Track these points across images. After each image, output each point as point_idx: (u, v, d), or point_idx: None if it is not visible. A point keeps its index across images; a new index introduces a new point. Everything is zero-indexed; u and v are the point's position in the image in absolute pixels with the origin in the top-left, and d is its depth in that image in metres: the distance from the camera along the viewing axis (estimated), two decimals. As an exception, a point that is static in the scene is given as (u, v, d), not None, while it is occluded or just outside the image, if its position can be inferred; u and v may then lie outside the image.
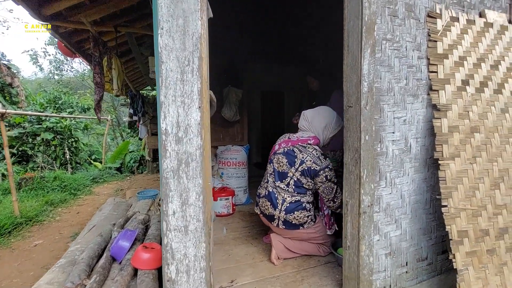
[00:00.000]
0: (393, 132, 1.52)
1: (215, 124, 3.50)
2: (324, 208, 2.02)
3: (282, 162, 1.97)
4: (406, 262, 1.61)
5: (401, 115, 1.53)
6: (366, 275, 1.48)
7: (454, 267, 1.44)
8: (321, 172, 1.85)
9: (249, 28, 3.73)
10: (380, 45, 1.43)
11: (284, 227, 1.91)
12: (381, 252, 1.53)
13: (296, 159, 1.91)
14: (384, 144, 1.49)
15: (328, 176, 1.87)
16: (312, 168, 1.86)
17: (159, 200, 2.30)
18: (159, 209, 2.52)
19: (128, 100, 6.04)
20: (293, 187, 1.91)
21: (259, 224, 2.61)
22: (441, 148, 1.52)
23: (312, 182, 1.90)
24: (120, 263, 1.56)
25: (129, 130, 9.29)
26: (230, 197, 2.91)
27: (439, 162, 1.51)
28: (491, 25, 1.76)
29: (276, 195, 1.95)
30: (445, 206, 1.48)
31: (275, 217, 1.94)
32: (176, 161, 1.01)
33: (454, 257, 1.44)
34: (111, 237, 1.91)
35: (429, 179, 1.66)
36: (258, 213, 2.10)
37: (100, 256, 1.72)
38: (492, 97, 1.67)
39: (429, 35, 1.58)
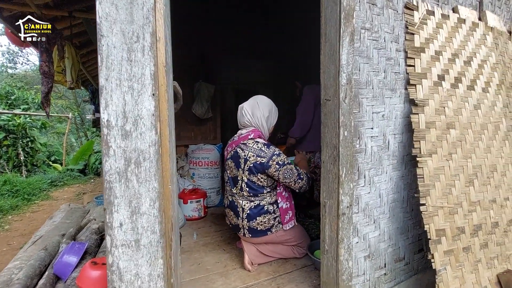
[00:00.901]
0: (372, 128, 1.43)
1: (186, 121, 3.28)
2: (279, 201, 1.83)
3: (231, 167, 1.83)
4: (385, 264, 1.55)
5: (379, 110, 1.45)
6: (346, 280, 1.38)
7: (433, 267, 1.38)
8: (270, 162, 1.70)
9: (223, 20, 3.54)
10: (359, 34, 1.34)
11: (250, 235, 1.78)
12: (360, 255, 1.44)
13: (240, 159, 1.76)
14: (363, 140, 1.41)
15: (280, 162, 1.71)
16: (258, 162, 1.71)
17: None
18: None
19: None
20: (246, 189, 1.76)
21: (233, 228, 2.45)
22: (418, 145, 1.46)
23: (265, 177, 1.75)
24: (65, 282, 1.32)
25: (94, 129, 8.64)
26: (202, 199, 2.71)
27: (418, 159, 1.45)
28: (464, 21, 1.75)
29: (235, 203, 1.82)
30: (423, 204, 1.43)
31: (239, 227, 1.81)
32: (123, 160, 0.82)
33: (433, 257, 1.39)
34: (58, 251, 1.64)
35: (406, 176, 1.61)
36: (228, 223, 1.98)
37: (42, 274, 1.46)
38: (465, 93, 1.66)
39: (407, 27, 1.52)
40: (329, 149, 1.37)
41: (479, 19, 1.88)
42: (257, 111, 1.83)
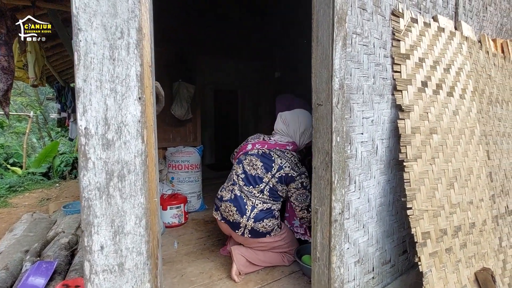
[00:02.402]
0: (362, 133, 1.43)
1: (164, 123, 3.12)
2: (295, 219, 1.94)
3: (256, 165, 1.81)
4: (373, 268, 1.56)
5: (369, 115, 1.46)
6: (337, 287, 1.36)
7: (420, 270, 1.41)
8: (298, 177, 1.78)
9: (205, 18, 3.42)
10: (351, 39, 1.33)
11: (250, 235, 1.72)
12: (350, 261, 1.44)
13: (273, 164, 1.79)
14: (354, 146, 1.40)
15: (304, 183, 1.80)
16: (289, 174, 1.77)
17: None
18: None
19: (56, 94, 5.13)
20: (268, 193, 1.77)
21: (216, 233, 2.36)
22: (405, 150, 1.49)
23: (287, 189, 1.81)
24: (30, 308, 1.16)
25: (59, 129, 8.01)
26: (182, 204, 2.59)
27: (404, 163, 1.47)
28: (443, 30, 1.82)
29: (244, 200, 1.75)
30: (410, 208, 1.45)
31: (241, 225, 1.72)
32: (104, 174, 0.72)
33: (420, 260, 1.42)
34: (21, 270, 1.45)
35: (392, 180, 1.63)
36: (219, 219, 1.85)
37: (2, 299, 1.27)
38: (445, 99, 1.73)
39: (394, 34, 1.54)
40: (321, 154, 1.34)
41: (455, 28, 1.97)
42: (294, 124, 1.90)
